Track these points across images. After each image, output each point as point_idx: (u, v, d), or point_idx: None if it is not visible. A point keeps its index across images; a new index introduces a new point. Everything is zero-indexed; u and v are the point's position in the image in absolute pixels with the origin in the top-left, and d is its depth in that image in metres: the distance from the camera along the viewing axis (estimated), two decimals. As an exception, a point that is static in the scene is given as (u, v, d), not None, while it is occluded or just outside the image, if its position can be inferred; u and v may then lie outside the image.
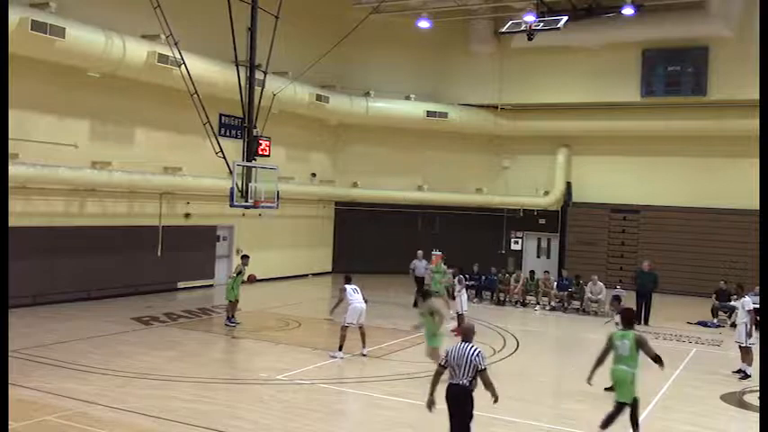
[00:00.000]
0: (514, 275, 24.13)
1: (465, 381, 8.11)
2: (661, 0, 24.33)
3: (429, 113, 28.82)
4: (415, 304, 21.40)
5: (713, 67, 25.88)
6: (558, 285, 23.24)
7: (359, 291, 14.89)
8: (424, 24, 26.27)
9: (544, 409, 11.90)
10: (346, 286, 14.93)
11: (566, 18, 20.88)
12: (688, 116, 26.99)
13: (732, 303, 20.26)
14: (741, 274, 23.60)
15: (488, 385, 8.24)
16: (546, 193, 29.93)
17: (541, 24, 21.07)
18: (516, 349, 16.24)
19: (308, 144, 28.36)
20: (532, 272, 24.59)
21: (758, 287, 20.80)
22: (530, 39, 21.31)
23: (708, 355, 16.45)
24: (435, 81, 29.75)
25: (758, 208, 26.53)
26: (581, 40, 26.40)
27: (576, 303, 22.54)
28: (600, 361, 10.00)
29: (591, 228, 29.26)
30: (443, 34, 28.51)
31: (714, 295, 21.34)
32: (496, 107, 29.39)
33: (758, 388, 13.37)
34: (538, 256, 30.49)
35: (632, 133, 28.25)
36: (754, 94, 25.17)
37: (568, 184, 30.00)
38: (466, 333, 8.57)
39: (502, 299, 23.48)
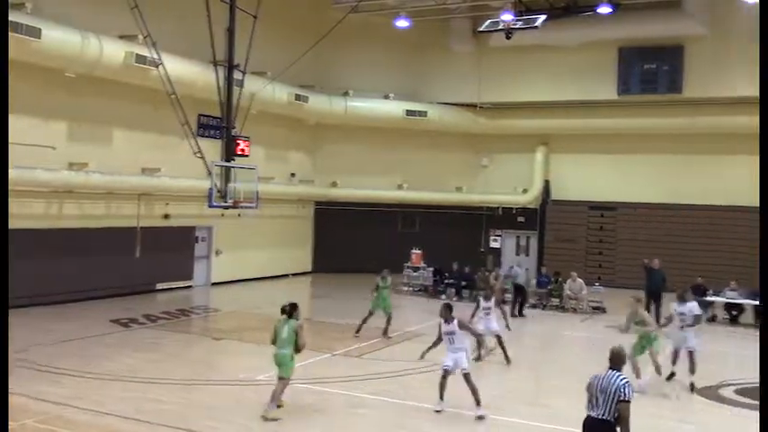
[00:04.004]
0: (493, 273, 24.23)
1: (609, 415, 6.99)
2: (637, -1, 24.57)
3: (408, 112, 28.86)
4: (521, 313, 21.08)
5: (688, 65, 26.11)
6: (537, 283, 23.38)
7: None
8: (402, 24, 26.29)
9: (524, 405, 11.98)
10: (459, 318, 11.60)
11: (543, 17, 21.02)
12: (664, 114, 27.26)
13: (708, 299, 20.53)
14: (728, 270, 23.88)
15: (624, 419, 7.00)
16: (525, 191, 30.09)
17: (519, 23, 21.21)
18: (495, 347, 16.30)
19: (288, 144, 28.30)
20: (512, 267, 24.73)
21: (733, 282, 21.19)
22: (508, 37, 21.44)
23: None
24: (414, 80, 29.78)
25: (733, 204, 27.04)
26: (558, 39, 26.54)
27: (556, 300, 22.70)
28: None
29: (569, 225, 29.46)
30: (422, 33, 28.55)
31: (691, 292, 21.51)
32: (475, 106, 29.49)
33: (735, 382, 13.59)
34: (517, 254, 30.63)
35: (609, 131, 28.45)
36: (728, 91, 25.58)
37: (547, 182, 30.19)
38: (615, 359, 7.39)
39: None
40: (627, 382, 7.12)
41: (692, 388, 12.71)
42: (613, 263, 28.45)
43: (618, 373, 7.20)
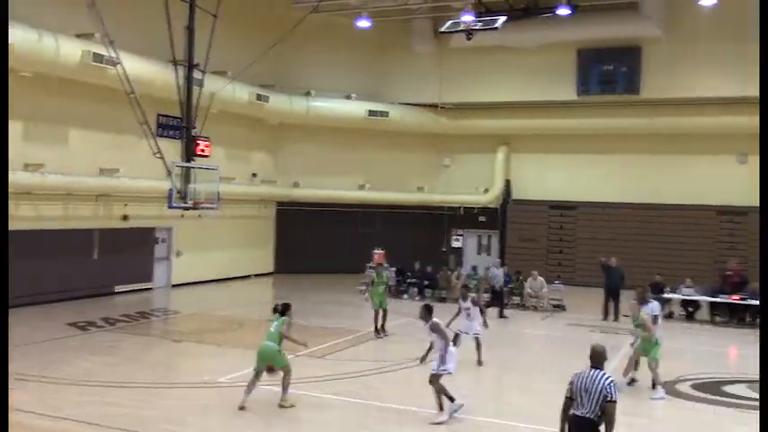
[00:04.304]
0: (455, 273, 24.41)
1: (593, 414, 7.00)
2: (595, 1, 24.90)
3: (370, 113, 28.86)
4: (502, 315, 20.76)
5: (646, 66, 26.53)
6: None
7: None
8: (363, 24, 26.29)
9: (486, 403, 12.06)
10: (437, 320, 11.08)
11: (503, 18, 21.17)
12: (622, 114, 27.67)
13: (665, 296, 20.89)
14: (685, 267, 24.32)
15: (610, 420, 7.03)
16: (486, 190, 30.30)
17: (480, 24, 21.33)
18: (457, 345, 16.39)
19: (249, 144, 28.10)
20: (475, 267, 25.03)
21: (689, 280, 21.62)
22: (468, 38, 21.55)
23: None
24: (376, 80, 29.80)
25: (691, 203, 27.61)
26: (518, 41, 26.79)
27: (516, 299, 22.90)
28: None
29: (530, 224, 29.74)
30: (384, 34, 28.59)
31: (649, 289, 21.88)
32: (437, 106, 29.61)
33: (691, 377, 13.84)
34: (479, 253, 30.86)
35: (569, 131, 28.82)
36: (684, 92, 26.13)
37: (508, 182, 30.44)
38: (596, 358, 7.32)
39: (443, 296, 23.66)
40: (612, 381, 7.12)
41: (654, 385, 12.85)
42: (573, 261, 28.81)
43: (601, 373, 7.17)
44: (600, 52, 27.11)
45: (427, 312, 11.08)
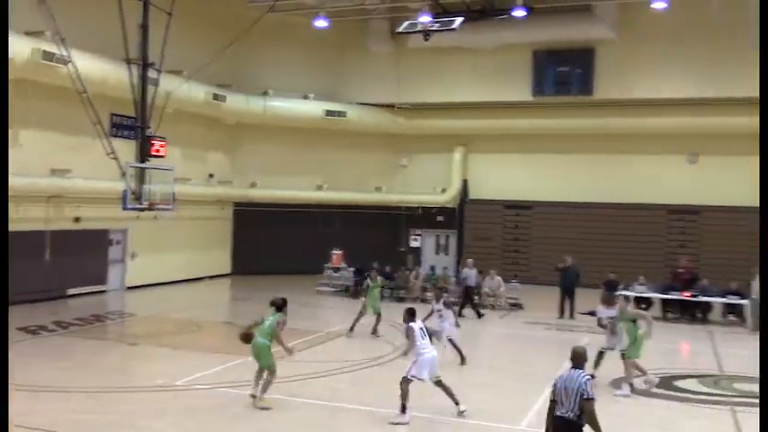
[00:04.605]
0: (413, 272, 24.50)
1: (572, 413, 7.13)
2: (551, 3, 25.22)
3: (327, 113, 28.79)
4: (479, 315, 20.82)
5: (599, 68, 26.95)
6: (456, 281, 23.71)
7: (426, 332, 11.32)
8: (321, 24, 26.19)
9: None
10: (412, 325, 11.08)
11: (460, 19, 21.31)
12: (576, 115, 28.05)
13: (619, 293, 21.25)
14: (638, 265, 24.77)
15: (591, 417, 7.12)
16: (443, 190, 30.47)
17: (437, 25, 21.43)
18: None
19: (206, 144, 27.77)
20: (433, 267, 25.16)
21: (642, 277, 22.07)
22: (426, 39, 21.63)
23: (599, 342, 17.16)
24: (333, 80, 29.73)
25: (643, 202, 28.18)
26: (475, 42, 26.97)
27: (474, 298, 23.05)
28: None
29: (487, 224, 30.00)
30: (341, 34, 28.53)
31: (603, 287, 22.24)
32: (394, 106, 29.66)
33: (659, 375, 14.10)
34: (437, 253, 31.02)
35: (525, 132, 29.11)
36: (636, 93, 26.67)
37: (465, 182, 30.66)
38: (576, 358, 7.52)
39: (402, 296, 23.72)
40: (588, 379, 7.27)
41: (632, 387, 12.85)
42: (529, 260, 29.14)
43: (580, 372, 7.32)
44: (555, 54, 27.44)
45: (408, 315, 11.28)
